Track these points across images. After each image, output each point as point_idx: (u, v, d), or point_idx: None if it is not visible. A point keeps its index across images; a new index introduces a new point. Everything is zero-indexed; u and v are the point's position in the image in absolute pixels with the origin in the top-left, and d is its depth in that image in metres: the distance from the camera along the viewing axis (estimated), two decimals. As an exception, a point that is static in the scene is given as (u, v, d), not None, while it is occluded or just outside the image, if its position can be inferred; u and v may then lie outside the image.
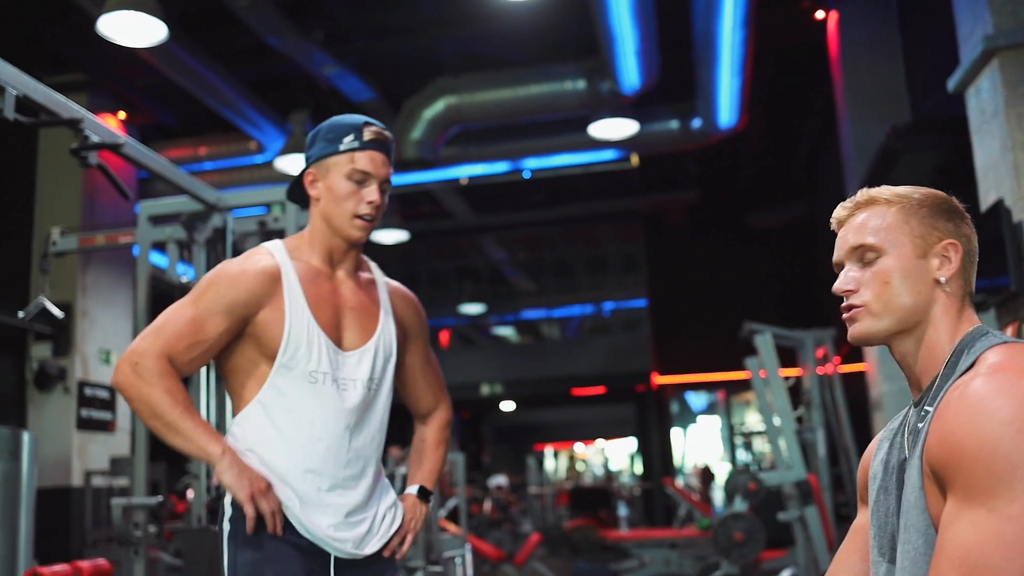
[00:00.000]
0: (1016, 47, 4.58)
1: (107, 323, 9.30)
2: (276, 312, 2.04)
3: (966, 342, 1.40)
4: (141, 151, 3.67)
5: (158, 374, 1.96)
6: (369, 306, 2.19)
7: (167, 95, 9.77)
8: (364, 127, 2.13)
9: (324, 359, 2.05)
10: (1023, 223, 4.48)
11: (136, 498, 4.11)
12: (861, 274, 1.47)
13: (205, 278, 2.08)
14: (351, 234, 2.11)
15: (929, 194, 1.48)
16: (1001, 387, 1.22)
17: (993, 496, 1.17)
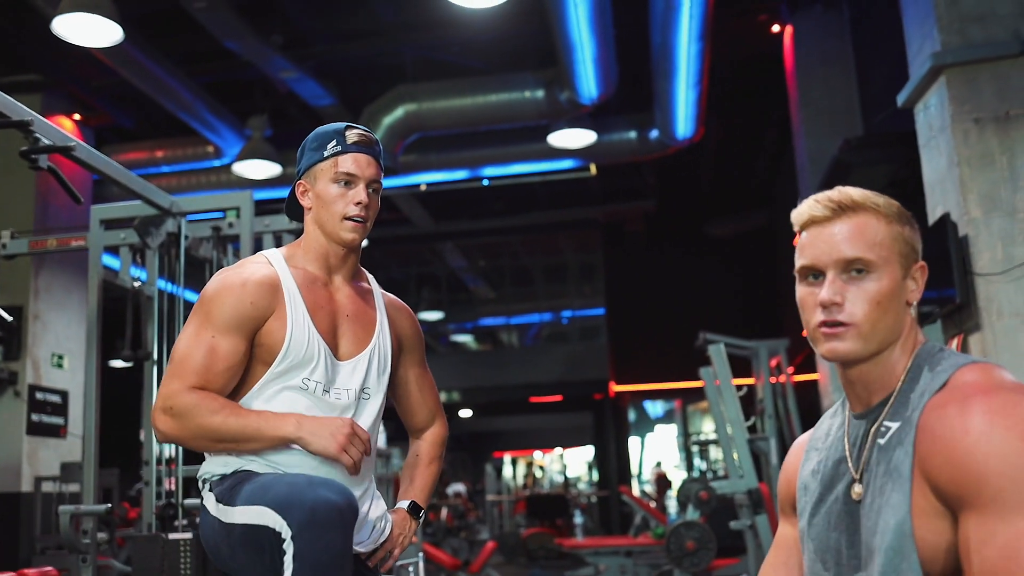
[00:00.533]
0: (963, 64, 4.69)
1: (60, 327, 9.19)
2: (279, 320, 2.02)
3: (922, 357, 1.39)
4: (93, 154, 3.64)
5: (193, 404, 1.92)
6: (365, 314, 2.18)
7: (124, 97, 9.69)
8: (346, 130, 2.13)
9: (320, 368, 2.04)
10: (968, 237, 4.57)
11: (84, 505, 4.06)
12: (847, 287, 1.40)
13: (207, 295, 2.03)
14: (343, 236, 2.10)
15: (905, 211, 1.45)
16: (1005, 407, 1.23)
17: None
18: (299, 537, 1.76)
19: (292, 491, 1.81)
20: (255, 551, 1.83)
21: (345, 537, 1.80)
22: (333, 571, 1.77)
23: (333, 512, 1.78)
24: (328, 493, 1.80)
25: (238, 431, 1.92)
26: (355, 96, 9.76)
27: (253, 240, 4.31)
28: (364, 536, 2.09)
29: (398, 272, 18.32)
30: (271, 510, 1.81)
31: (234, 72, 9.34)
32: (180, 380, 1.95)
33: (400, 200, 13.23)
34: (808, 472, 1.53)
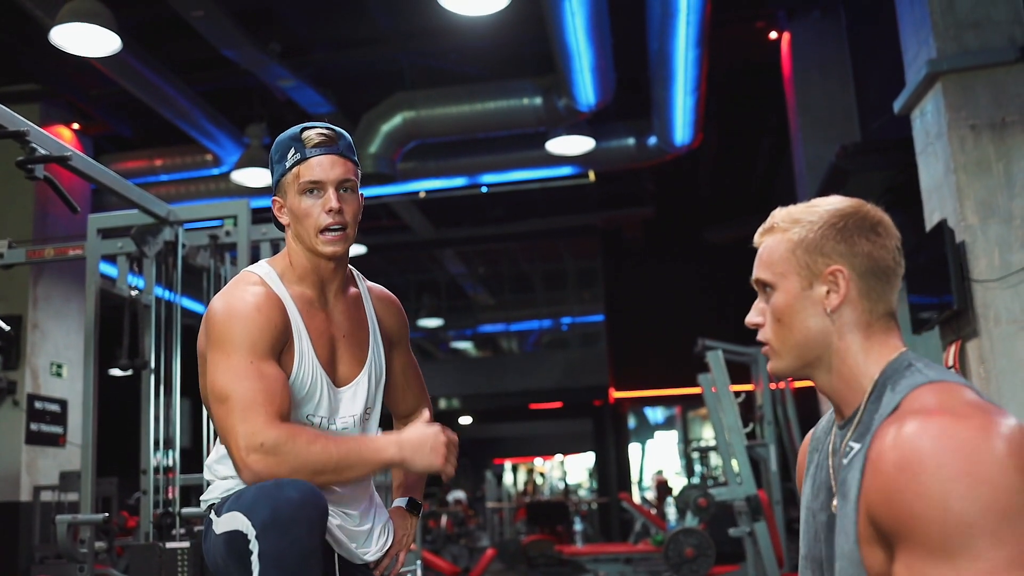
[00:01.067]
0: (959, 71, 4.70)
1: (59, 336, 9.19)
2: (288, 353, 1.93)
3: (888, 375, 1.34)
4: (89, 164, 3.64)
5: (286, 438, 1.80)
6: (360, 330, 2.09)
7: (122, 106, 9.70)
8: (303, 133, 1.99)
9: (324, 403, 1.98)
10: (965, 243, 4.57)
11: (81, 514, 4.06)
12: (765, 306, 1.45)
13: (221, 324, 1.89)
14: (323, 251, 1.96)
15: (827, 212, 1.41)
16: (939, 437, 1.15)
17: (956, 555, 1.11)
18: (263, 537, 1.72)
19: (259, 493, 1.76)
20: (235, 558, 1.79)
21: (310, 534, 1.74)
22: (299, 569, 1.72)
23: (296, 510, 1.72)
24: (292, 492, 1.74)
25: (340, 459, 1.81)
26: (353, 104, 9.77)
27: (250, 248, 4.31)
28: (371, 546, 2.07)
29: (398, 279, 18.33)
30: (240, 513, 1.77)
31: (232, 80, 9.35)
32: (254, 414, 1.80)
33: (400, 207, 13.24)
34: (808, 476, 1.52)
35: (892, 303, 1.41)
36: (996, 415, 1.18)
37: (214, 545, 1.89)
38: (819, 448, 1.51)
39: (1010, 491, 1.11)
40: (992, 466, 1.12)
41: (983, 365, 4.50)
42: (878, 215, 1.42)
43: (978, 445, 1.14)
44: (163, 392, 4.39)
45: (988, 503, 1.11)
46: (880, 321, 1.39)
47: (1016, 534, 1.10)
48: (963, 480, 1.12)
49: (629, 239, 16.62)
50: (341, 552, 2.00)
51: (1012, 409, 4.38)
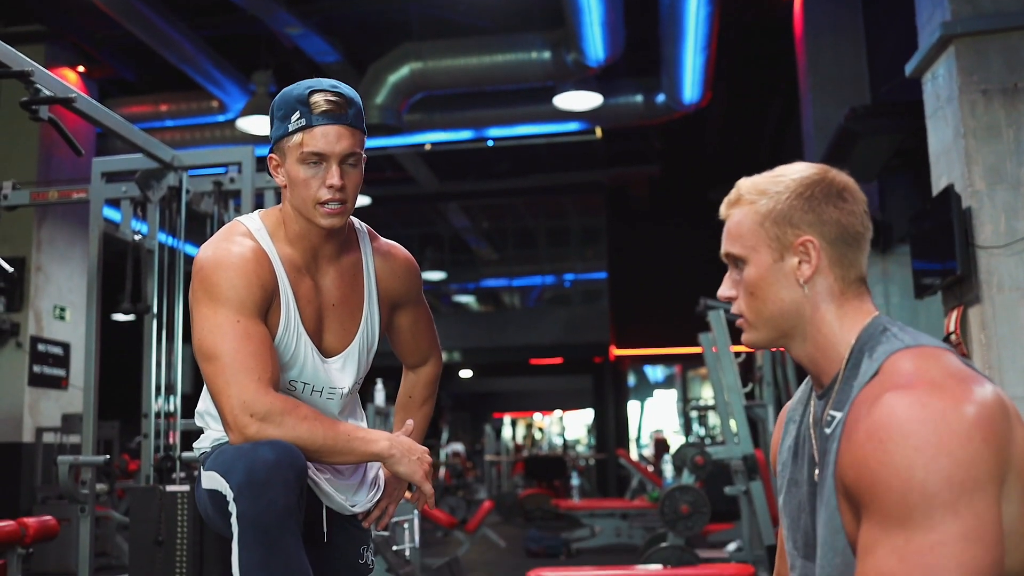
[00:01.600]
0: (972, 35, 4.65)
1: (62, 279, 9.21)
2: (274, 314, 1.90)
3: (864, 341, 1.34)
4: (94, 106, 3.63)
5: (280, 409, 1.79)
6: (352, 299, 2.02)
7: (128, 49, 9.63)
8: (311, 97, 1.86)
9: (308, 369, 1.96)
10: (972, 209, 4.56)
11: (82, 456, 4.10)
12: (737, 279, 1.44)
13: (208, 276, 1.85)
14: (320, 223, 1.89)
15: (792, 182, 1.39)
16: (910, 407, 1.16)
17: (911, 525, 1.13)
18: (239, 498, 1.72)
19: (236, 453, 1.76)
20: (219, 515, 1.80)
21: (287, 494, 1.72)
22: (277, 532, 1.72)
23: (271, 470, 1.71)
24: (267, 453, 1.73)
25: (328, 442, 1.81)
26: (360, 53, 9.70)
27: (254, 196, 4.31)
28: (361, 497, 2.07)
29: (401, 231, 18.31)
30: (218, 474, 1.78)
31: (239, 27, 9.28)
32: (247, 379, 1.79)
33: (404, 159, 13.19)
34: (786, 448, 1.51)
35: (863, 268, 1.40)
36: (972, 384, 1.18)
37: (202, 497, 1.90)
38: (796, 419, 1.51)
39: (972, 463, 1.12)
40: (957, 437, 1.13)
41: (984, 331, 4.50)
42: (843, 180, 1.40)
43: (947, 416, 1.14)
44: (165, 337, 4.40)
45: (949, 475, 1.11)
46: (852, 287, 1.39)
47: (973, 508, 1.11)
48: (927, 450, 1.12)
49: (634, 197, 16.57)
50: (330, 504, 1.99)
51: (1013, 375, 4.39)
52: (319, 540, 2.00)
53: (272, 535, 1.72)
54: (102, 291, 4.33)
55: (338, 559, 2.06)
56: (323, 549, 2.00)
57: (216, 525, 1.89)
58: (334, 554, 2.04)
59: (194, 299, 1.88)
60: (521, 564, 7.78)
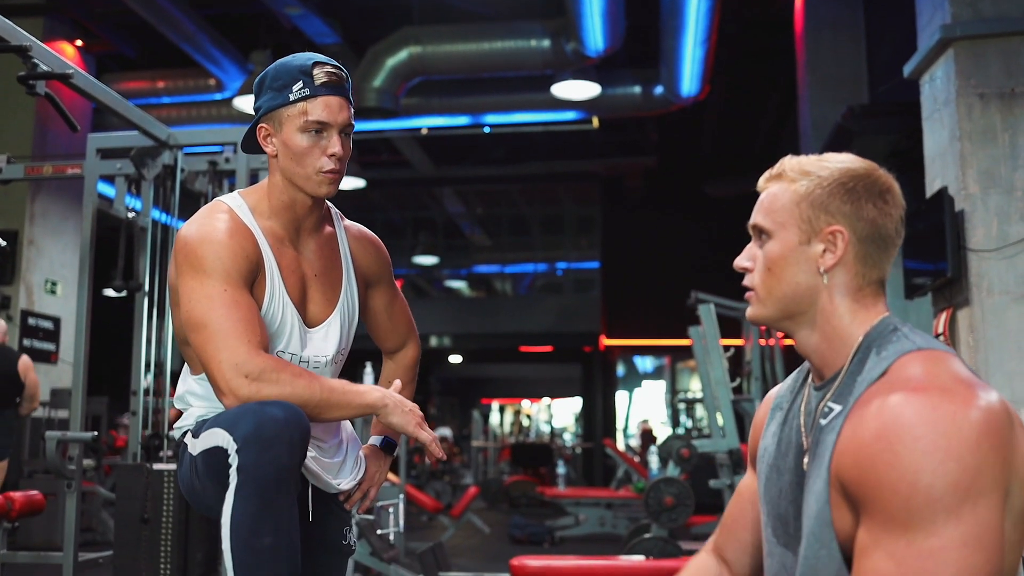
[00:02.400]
0: (972, 38, 4.66)
1: (55, 253, 9.19)
2: (259, 286, 1.91)
3: (873, 338, 1.33)
4: (91, 82, 3.62)
5: (272, 368, 1.79)
6: (332, 270, 2.05)
7: (127, 25, 9.59)
8: (314, 68, 1.90)
9: (295, 339, 1.96)
10: (964, 212, 4.57)
11: (70, 432, 4.10)
12: (757, 252, 1.43)
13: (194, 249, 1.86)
14: (318, 191, 1.92)
15: (838, 171, 1.37)
16: (921, 411, 1.15)
17: (912, 529, 1.12)
18: (243, 450, 1.70)
19: (242, 410, 1.75)
20: (213, 474, 1.78)
21: (291, 454, 1.73)
22: (276, 486, 1.72)
23: (279, 428, 1.71)
24: (276, 410, 1.73)
25: (324, 396, 1.82)
26: (360, 36, 9.68)
27: (249, 176, 4.30)
28: (345, 475, 2.08)
29: (395, 215, 18.30)
30: (221, 429, 1.76)
31: (239, 6, 9.26)
32: (237, 342, 1.79)
33: (401, 143, 13.17)
34: (770, 433, 1.51)
35: (885, 272, 1.39)
36: (980, 390, 1.18)
37: (189, 467, 1.89)
38: (783, 407, 1.51)
39: (979, 470, 1.12)
40: (966, 443, 1.12)
41: (972, 334, 4.52)
42: (888, 182, 1.39)
43: (956, 421, 1.13)
44: (156, 315, 4.41)
45: (955, 480, 1.11)
46: (870, 287, 1.38)
47: (976, 515, 1.11)
48: (936, 455, 1.12)
49: (629, 188, 16.58)
50: (315, 483, 2.00)
51: (999, 379, 4.42)
52: (304, 518, 1.98)
53: (270, 492, 1.72)
54: (94, 267, 4.32)
55: (321, 538, 2.07)
56: (307, 528, 2.00)
57: (202, 495, 1.88)
58: (317, 533, 2.05)
59: (179, 273, 1.88)
60: (505, 551, 7.81)
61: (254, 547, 1.72)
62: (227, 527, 1.73)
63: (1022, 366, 4.44)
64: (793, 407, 1.47)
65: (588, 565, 4.81)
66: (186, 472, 1.92)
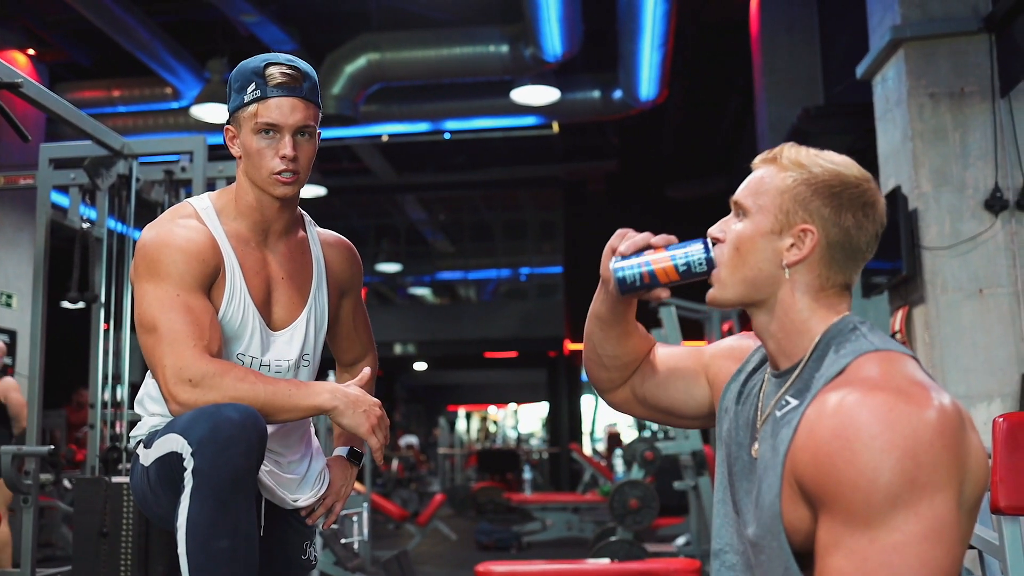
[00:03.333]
0: (922, 39, 4.72)
1: (9, 266, 9.06)
2: (219, 288, 1.90)
3: (832, 335, 1.35)
4: (41, 91, 3.57)
5: (215, 371, 1.78)
6: (301, 274, 2.04)
7: (81, 33, 9.47)
8: (266, 69, 1.89)
9: (255, 342, 1.94)
10: (918, 210, 4.63)
11: (26, 446, 4.04)
12: (730, 227, 1.44)
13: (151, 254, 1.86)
14: (273, 192, 1.92)
15: (829, 172, 1.37)
16: (877, 410, 1.17)
17: (874, 525, 1.14)
18: (198, 453, 1.68)
19: (197, 414, 1.73)
20: (166, 480, 1.76)
21: (248, 455, 1.70)
22: (232, 488, 1.70)
23: (235, 428, 1.69)
24: (232, 413, 1.71)
25: (269, 399, 1.79)
26: (318, 43, 9.63)
27: (206, 185, 4.26)
28: (306, 490, 2.04)
29: (357, 222, 18.23)
30: (176, 434, 1.74)
31: (194, 13, 9.18)
32: (183, 347, 1.78)
33: (361, 150, 13.12)
34: (732, 393, 1.52)
35: (851, 279, 1.40)
36: (933, 392, 1.20)
37: (142, 478, 1.86)
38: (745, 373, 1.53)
39: (934, 467, 1.14)
40: (920, 442, 1.14)
41: (928, 331, 4.58)
42: (875, 197, 1.39)
43: (911, 421, 1.15)
44: (113, 326, 4.35)
45: (912, 478, 1.13)
46: (834, 289, 1.39)
47: (933, 510, 1.13)
48: (893, 452, 1.14)
49: (591, 192, 16.63)
50: (269, 497, 1.97)
51: (955, 375, 4.48)
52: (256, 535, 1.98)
53: (226, 494, 1.69)
54: (49, 279, 4.26)
55: (278, 553, 2.03)
56: (263, 542, 1.97)
57: (154, 504, 1.85)
58: (273, 548, 2.02)
59: (136, 276, 1.88)
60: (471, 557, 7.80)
61: (210, 550, 1.70)
62: (183, 530, 1.71)
63: (976, 362, 4.50)
64: (751, 383, 1.50)
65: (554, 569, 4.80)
66: (139, 482, 1.89)
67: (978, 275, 4.55)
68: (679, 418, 1.74)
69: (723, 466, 1.49)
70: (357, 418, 1.85)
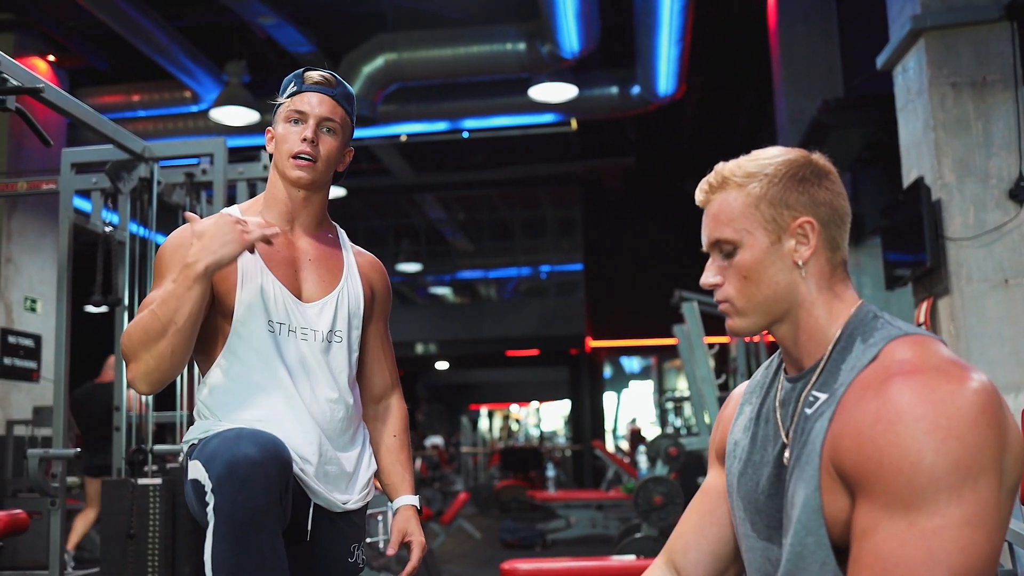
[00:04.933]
0: (942, 28, 4.69)
1: (33, 271, 9.13)
2: (231, 268, 1.95)
3: (854, 326, 1.34)
4: (63, 96, 3.59)
5: (127, 331, 1.89)
6: (331, 258, 2.12)
7: (100, 39, 9.54)
8: (305, 72, 2.09)
9: (280, 308, 1.98)
10: (941, 201, 4.60)
11: (53, 449, 4.07)
12: (726, 268, 1.41)
13: (160, 255, 1.99)
14: (291, 175, 2.02)
15: (781, 164, 1.38)
16: (920, 391, 1.16)
17: (915, 509, 1.12)
18: (217, 491, 1.71)
19: (219, 445, 1.76)
20: (200, 505, 1.78)
21: (267, 492, 1.72)
22: (253, 530, 1.71)
23: (251, 469, 1.70)
24: (249, 449, 1.72)
25: (161, 306, 1.83)
26: (335, 44, 9.66)
27: (226, 187, 4.28)
28: (353, 492, 2.04)
29: (377, 223, 18.26)
30: (200, 464, 1.77)
31: (212, 16, 9.21)
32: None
33: (380, 150, 13.14)
34: (740, 428, 1.51)
35: (846, 252, 1.41)
36: (971, 371, 1.19)
37: (187, 489, 1.89)
38: (752, 402, 1.51)
39: (979, 448, 1.13)
40: (965, 422, 1.13)
41: (953, 323, 4.55)
42: (826, 163, 1.41)
43: (954, 401, 1.14)
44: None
45: (957, 459, 1.12)
46: (838, 270, 1.39)
47: (976, 493, 1.12)
48: (937, 434, 1.13)
49: (609, 189, 16.59)
50: (318, 501, 1.97)
51: (980, 366, 4.40)
52: (302, 537, 1.97)
53: (248, 533, 1.71)
54: (73, 283, 4.29)
55: (325, 557, 2.03)
56: (307, 546, 1.98)
57: (200, 514, 1.86)
58: (320, 552, 2.02)
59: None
60: (496, 555, 7.80)
61: None
62: (209, 565, 1.74)
63: (1003, 353, 4.46)
64: (766, 402, 1.47)
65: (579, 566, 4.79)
66: (189, 489, 1.91)
67: (1003, 265, 4.51)
68: None
69: (739, 509, 1.46)
70: (228, 248, 1.84)
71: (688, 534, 1.60)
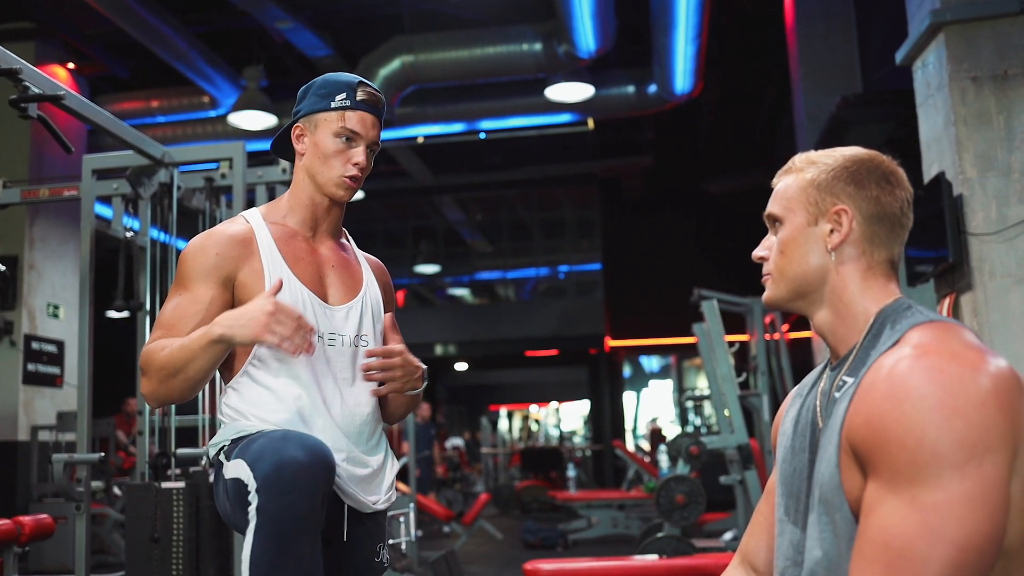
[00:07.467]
0: (962, 22, 4.64)
1: (55, 277, 9.20)
2: (254, 273, 1.97)
3: (887, 314, 1.37)
4: (83, 103, 3.62)
5: (148, 353, 1.89)
6: (351, 265, 2.15)
7: (119, 46, 9.61)
8: (359, 86, 2.07)
9: (309, 315, 1.97)
10: (963, 196, 4.56)
11: (77, 454, 4.09)
12: (772, 240, 1.52)
13: (180, 261, 2.01)
14: (335, 193, 2.06)
15: (843, 158, 1.45)
16: (930, 371, 1.18)
17: (917, 484, 1.14)
18: (262, 491, 1.72)
19: (265, 445, 1.76)
20: (240, 505, 1.79)
21: (312, 498, 1.73)
22: (295, 532, 1.72)
23: (299, 472, 1.71)
24: (297, 452, 1.73)
25: (179, 353, 1.84)
26: (352, 47, 9.69)
27: (246, 191, 4.30)
28: (380, 493, 2.06)
29: (395, 224, 18.29)
30: (244, 463, 1.78)
31: (230, 22, 9.26)
32: (153, 337, 1.93)
33: (397, 152, 13.18)
34: (789, 419, 1.54)
35: (895, 253, 1.44)
36: (989, 355, 1.21)
37: (223, 489, 1.90)
38: (803, 394, 1.54)
39: (985, 429, 1.14)
40: (972, 402, 1.15)
41: (976, 318, 4.51)
42: (892, 166, 1.46)
43: (963, 381, 1.16)
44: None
45: (961, 437, 1.14)
46: (880, 267, 1.43)
47: (980, 472, 1.13)
48: (942, 411, 1.15)
49: (627, 188, 16.57)
50: (351, 503, 1.99)
51: (1004, 362, 4.40)
52: (339, 539, 1.99)
53: (290, 535, 1.73)
54: (95, 288, 4.32)
55: (356, 557, 2.05)
56: (342, 548, 2.01)
57: (232, 518, 1.89)
58: (352, 553, 2.04)
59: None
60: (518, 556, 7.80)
61: None
62: (246, 565, 1.75)
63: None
64: (812, 392, 1.51)
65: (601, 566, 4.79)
66: (220, 491, 1.93)
67: (1026, 260, 4.47)
68: None
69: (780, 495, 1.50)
70: (246, 330, 1.82)
71: (758, 534, 1.65)
